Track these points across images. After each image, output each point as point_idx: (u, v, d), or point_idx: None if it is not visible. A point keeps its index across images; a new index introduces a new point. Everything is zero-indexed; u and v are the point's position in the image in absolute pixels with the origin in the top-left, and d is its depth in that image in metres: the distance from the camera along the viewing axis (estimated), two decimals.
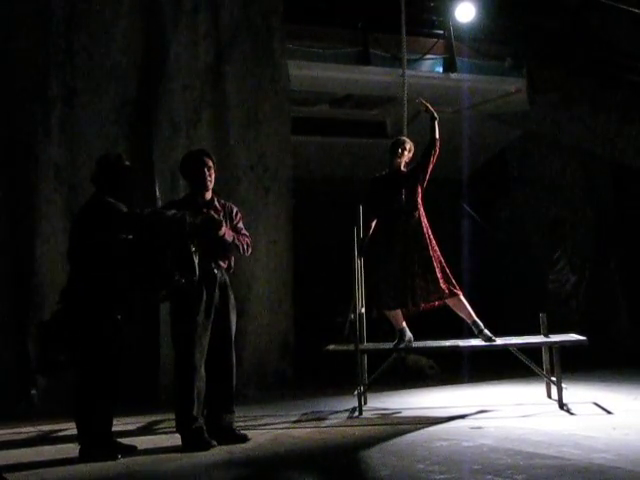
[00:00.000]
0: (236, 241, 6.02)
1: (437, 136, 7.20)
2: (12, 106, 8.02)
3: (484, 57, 11.03)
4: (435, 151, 7.20)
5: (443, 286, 7.05)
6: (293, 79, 9.43)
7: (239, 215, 6.23)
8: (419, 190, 7.22)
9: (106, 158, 5.94)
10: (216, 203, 6.09)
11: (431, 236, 7.21)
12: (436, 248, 7.19)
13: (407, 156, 7.32)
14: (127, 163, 5.88)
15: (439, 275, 7.06)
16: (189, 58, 8.77)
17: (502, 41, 11.17)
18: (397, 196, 7.17)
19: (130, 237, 5.64)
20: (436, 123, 7.22)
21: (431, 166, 7.22)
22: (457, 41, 10.76)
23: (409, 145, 7.34)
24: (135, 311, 5.80)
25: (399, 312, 7.20)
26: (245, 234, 6.20)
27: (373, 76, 10.43)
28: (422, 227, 7.17)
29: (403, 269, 7.08)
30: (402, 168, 7.30)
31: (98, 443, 5.63)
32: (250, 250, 6.25)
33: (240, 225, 6.21)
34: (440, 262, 7.15)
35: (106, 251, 5.54)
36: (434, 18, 10.83)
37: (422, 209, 7.22)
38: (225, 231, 5.90)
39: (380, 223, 7.28)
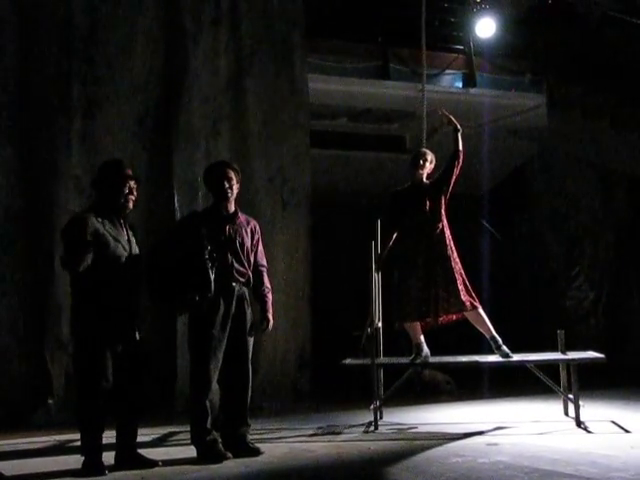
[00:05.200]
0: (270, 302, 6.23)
1: (460, 147, 7.19)
2: (33, 117, 8.08)
3: (504, 72, 11.04)
4: (458, 162, 7.19)
5: (464, 298, 7.03)
6: (312, 92, 9.46)
7: (259, 234, 6.22)
8: (442, 202, 7.21)
9: (106, 165, 5.88)
10: (240, 216, 6.10)
11: (453, 248, 7.19)
12: (457, 260, 7.17)
13: (429, 167, 7.31)
14: (129, 172, 5.76)
15: (460, 287, 7.05)
16: (209, 71, 8.82)
17: (522, 56, 11.19)
18: (421, 208, 7.16)
19: (125, 253, 5.62)
20: (459, 135, 7.21)
21: (454, 177, 7.21)
22: (477, 56, 10.78)
23: (430, 156, 7.33)
24: (136, 327, 5.76)
25: (418, 326, 7.18)
26: (262, 264, 6.23)
27: (392, 90, 10.46)
28: (445, 239, 7.15)
29: (426, 280, 7.06)
30: (424, 180, 7.30)
31: (122, 455, 5.64)
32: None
33: (260, 248, 6.23)
34: (461, 275, 7.13)
35: (88, 268, 5.48)
36: (454, 33, 10.86)
37: (445, 221, 7.21)
38: (271, 322, 6.18)
39: (403, 235, 7.25)
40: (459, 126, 7.22)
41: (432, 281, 7.05)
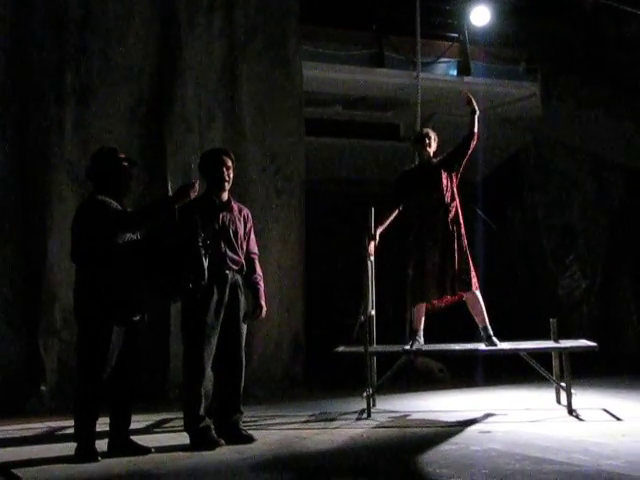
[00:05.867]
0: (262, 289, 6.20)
1: (475, 130, 7.26)
2: (26, 104, 8.05)
3: (498, 61, 11.04)
4: (472, 143, 7.26)
5: (472, 276, 7.09)
6: (307, 80, 9.44)
7: (251, 222, 6.22)
8: (455, 180, 7.25)
9: (99, 152, 5.84)
10: (233, 205, 6.10)
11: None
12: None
13: (434, 146, 7.34)
14: (122, 155, 5.77)
15: (471, 266, 7.11)
16: (203, 57, 8.80)
17: (516, 45, 11.19)
18: (437, 186, 7.16)
19: (133, 237, 5.63)
20: (476, 117, 7.26)
21: (466, 158, 7.28)
22: (472, 44, 10.78)
23: (433, 134, 7.37)
24: (145, 312, 5.77)
25: (424, 310, 7.20)
26: (254, 251, 6.23)
27: (387, 78, 10.45)
28: (460, 217, 7.20)
29: (443, 258, 7.09)
30: (433, 159, 7.32)
31: (115, 442, 5.64)
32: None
33: (252, 236, 6.22)
34: (470, 254, 7.19)
35: (106, 252, 5.50)
36: (449, 21, 10.86)
37: (458, 199, 7.23)
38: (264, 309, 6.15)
39: (420, 214, 7.24)
40: (477, 108, 7.25)
41: (449, 259, 7.08)
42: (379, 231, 7.36)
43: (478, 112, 7.30)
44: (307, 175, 9.40)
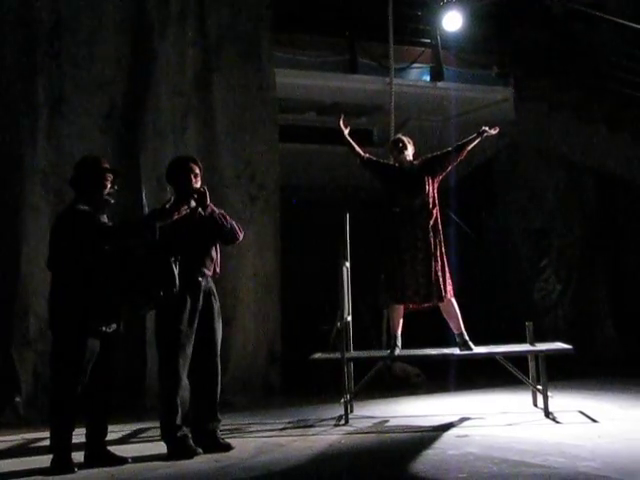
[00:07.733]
0: (223, 219, 5.96)
1: (469, 147, 7.34)
2: None
3: (471, 66, 11.07)
4: (459, 155, 7.33)
5: (447, 285, 7.10)
6: (280, 87, 9.43)
7: (220, 210, 6.14)
8: (436, 184, 7.27)
9: (84, 161, 5.83)
10: (200, 211, 6.05)
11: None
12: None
13: (410, 149, 7.35)
14: (106, 165, 5.76)
15: (447, 273, 7.13)
16: (176, 65, 8.78)
17: (489, 50, 11.23)
18: (421, 191, 7.16)
19: (106, 248, 5.59)
20: (477, 141, 7.35)
21: (450, 166, 7.34)
22: (444, 50, 10.80)
23: (406, 138, 7.40)
24: (120, 322, 5.73)
25: (401, 314, 7.19)
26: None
27: (360, 84, 10.45)
28: (439, 224, 7.22)
29: (421, 265, 7.10)
30: (414, 162, 7.33)
31: (92, 453, 5.60)
32: (241, 234, 6.15)
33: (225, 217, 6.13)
34: (447, 261, 7.21)
35: (83, 262, 5.47)
36: (421, 27, 10.86)
37: (438, 206, 7.26)
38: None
39: (398, 218, 7.26)
40: (483, 137, 7.37)
41: (426, 266, 7.09)
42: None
43: (481, 140, 7.37)
44: (281, 181, 9.39)
